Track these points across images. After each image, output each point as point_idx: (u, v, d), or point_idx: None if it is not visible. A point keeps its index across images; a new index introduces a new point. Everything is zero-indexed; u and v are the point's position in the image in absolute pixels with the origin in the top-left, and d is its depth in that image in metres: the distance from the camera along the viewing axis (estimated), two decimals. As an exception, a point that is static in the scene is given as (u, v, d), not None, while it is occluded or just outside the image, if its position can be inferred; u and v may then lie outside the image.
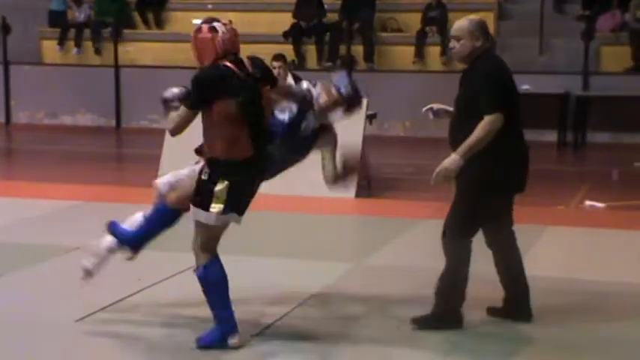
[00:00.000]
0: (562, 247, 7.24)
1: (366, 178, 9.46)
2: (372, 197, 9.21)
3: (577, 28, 13.78)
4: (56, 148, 13.15)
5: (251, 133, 4.73)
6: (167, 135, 8.83)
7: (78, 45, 15.56)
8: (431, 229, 7.65)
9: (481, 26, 5.07)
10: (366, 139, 9.45)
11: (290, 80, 9.26)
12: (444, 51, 14.10)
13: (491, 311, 5.36)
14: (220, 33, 4.80)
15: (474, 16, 5.20)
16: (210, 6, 15.30)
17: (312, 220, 8.05)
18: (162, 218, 5.22)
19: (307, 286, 5.99)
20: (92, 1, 15.82)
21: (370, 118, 9.78)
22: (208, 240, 4.80)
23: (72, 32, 15.63)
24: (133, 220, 5.30)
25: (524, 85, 13.09)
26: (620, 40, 13.82)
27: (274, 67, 9.64)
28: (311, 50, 14.73)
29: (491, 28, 14.29)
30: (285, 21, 14.72)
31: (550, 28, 14.14)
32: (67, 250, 6.84)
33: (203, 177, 4.75)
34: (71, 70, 15.33)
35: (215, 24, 4.83)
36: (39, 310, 5.55)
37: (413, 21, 14.60)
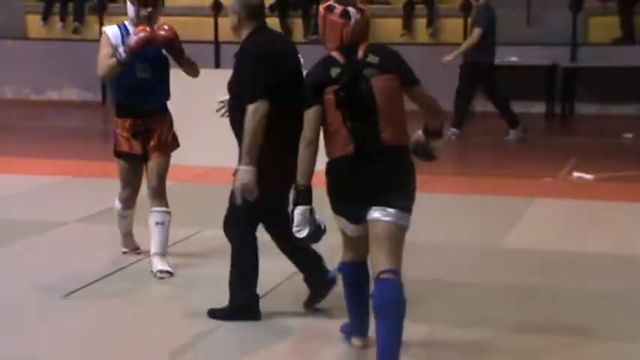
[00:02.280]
0: (550, 219, 7.25)
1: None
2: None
3: (565, -1, 13.74)
4: (42, 123, 13.08)
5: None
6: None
7: (62, 19, 15.41)
8: (415, 202, 7.68)
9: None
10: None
11: None
12: (431, 23, 14.04)
13: (307, 304, 5.01)
14: (353, 21, 4.26)
15: None
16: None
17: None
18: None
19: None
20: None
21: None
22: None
23: (57, 6, 15.49)
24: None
25: (512, 57, 13.08)
26: (608, 11, 13.76)
27: None
28: (297, 23, 14.64)
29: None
30: (270, -7, 14.62)
31: (538, -2, 14.11)
32: (54, 225, 6.83)
33: None
34: (56, 44, 15.18)
35: (349, 9, 4.26)
36: (25, 286, 5.53)
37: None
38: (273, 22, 12.77)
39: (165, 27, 5.53)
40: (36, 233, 6.61)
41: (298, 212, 4.19)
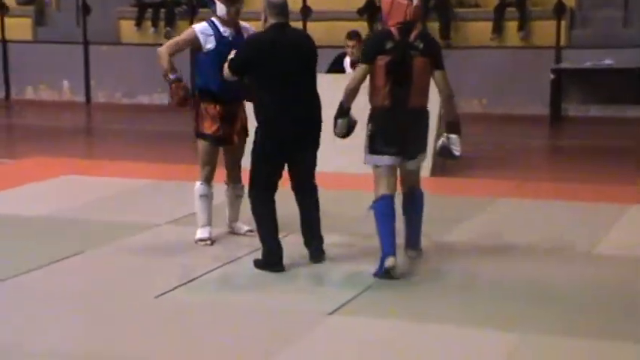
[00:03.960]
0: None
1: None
2: (447, 176, 9.10)
3: (663, -1, 13.37)
4: (133, 127, 13.34)
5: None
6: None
7: (154, 25, 15.71)
8: (508, 208, 7.57)
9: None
10: (443, 117, 9.32)
11: None
12: (522, 26, 13.82)
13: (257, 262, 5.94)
14: (415, 3, 5.63)
15: None
16: (284, -16, 15.27)
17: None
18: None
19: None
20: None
21: (447, 95, 9.62)
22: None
23: (149, 12, 15.78)
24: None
25: (607, 60, 12.77)
26: None
27: (348, 46, 9.55)
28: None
29: (573, 1, 14.03)
30: (360, -2, 14.61)
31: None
32: (147, 227, 6.94)
33: None
34: (148, 49, 15.48)
35: None
36: (119, 286, 5.64)
37: (490, -4, 14.33)
38: (362, 26, 12.77)
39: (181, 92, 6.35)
40: (128, 235, 6.72)
41: (340, 121, 5.79)
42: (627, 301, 5.33)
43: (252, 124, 6.11)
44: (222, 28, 6.32)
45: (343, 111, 5.82)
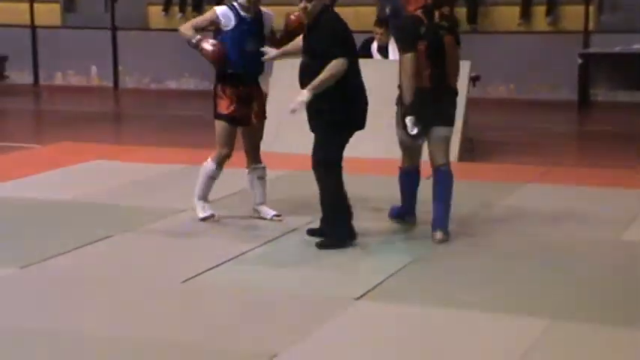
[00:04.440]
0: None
1: (470, 141, 9.33)
2: (475, 161, 9.08)
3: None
4: (161, 112, 13.41)
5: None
6: (270, 98, 8.94)
7: (182, 10, 15.76)
8: (535, 193, 7.55)
9: None
10: (470, 102, 9.30)
11: (392, 46, 9.17)
12: (550, 11, 13.71)
13: (310, 232, 6.16)
14: None
15: None
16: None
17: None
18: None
19: (411, 249, 6.00)
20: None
21: (474, 80, 9.61)
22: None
23: (177, -3, 15.85)
24: None
25: (636, 45, 12.65)
26: None
27: (377, 33, 9.57)
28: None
29: (602, -14, 13.88)
30: (386, -17, 14.55)
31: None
32: (174, 212, 6.99)
33: None
34: (175, 35, 15.47)
35: None
36: (146, 271, 5.69)
37: (518, -20, 14.23)
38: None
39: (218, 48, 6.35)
40: (156, 220, 6.77)
41: (409, 119, 5.98)
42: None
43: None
44: (242, 13, 6.45)
45: (409, 107, 5.97)
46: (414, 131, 6.00)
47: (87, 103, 14.54)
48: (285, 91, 6.43)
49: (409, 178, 6.40)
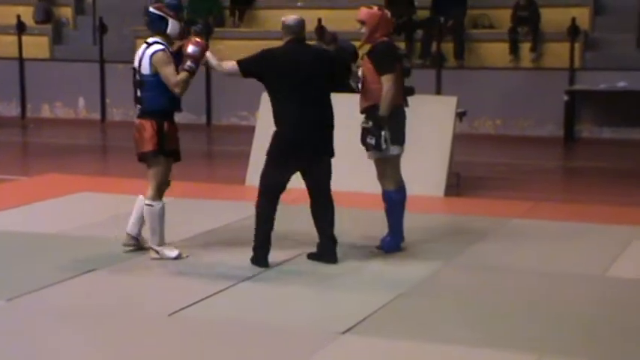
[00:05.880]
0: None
1: (456, 176, 9.36)
2: (461, 196, 9.10)
3: (677, 23, 13.36)
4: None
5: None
6: (257, 132, 9.05)
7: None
8: (521, 229, 7.56)
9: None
10: (456, 137, 9.34)
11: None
12: (535, 47, 13.83)
13: (309, 255, 6.40)
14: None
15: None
16: (299, 4, 15.35)
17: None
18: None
19: (397, 283, 5.98)
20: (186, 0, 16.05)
21: (460, 115, 9.66)
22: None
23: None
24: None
25: (621, 82, 12.77)
26: None
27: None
28: (401, 47, 14.64)
29: (587, 23, 14.07)
30: (374, 18, 14.65)
31: (647, 22, 13.75)
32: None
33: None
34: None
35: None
36: (131, 304, 5.66)
37: (505, 17, 14.36)
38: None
39: (198, 40, 6.48)
40: (141, 253, 6.72)
41: (384, 132, 6.44)
42: (641, 323, 5.31)
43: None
44: (170, 49, 6.58)
45: (384, 122, 6.45)
46: (384, 146, 6.43)
47: (74, 135, 14.52)
48: (272, 126, 6.42)
49: (403, 197, 6.76)
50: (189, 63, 6.39)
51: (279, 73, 6.28)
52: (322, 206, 6.31)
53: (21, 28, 16.32)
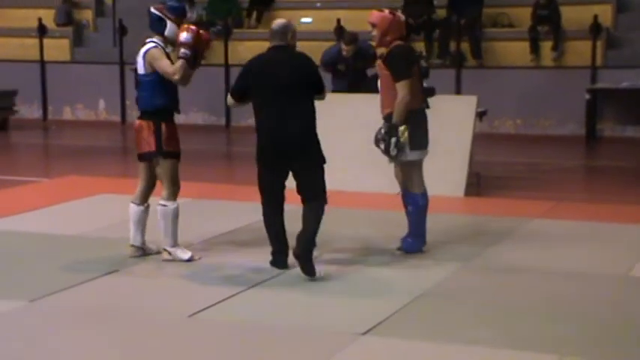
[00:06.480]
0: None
1: (476, 176, 9.32)
2: (481, 196, 9.07)
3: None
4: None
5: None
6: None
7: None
8: (542, 229, 7.51)
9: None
10: (476, 137, 9.30)
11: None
12: (556, 46, 13.75)
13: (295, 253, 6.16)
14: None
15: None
16: (318, 4, 15.34)
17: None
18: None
19: (417, 284, 5.95)
20: (205, 1, 16.07)
21: (480, 115, 9.62)
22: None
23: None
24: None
25: (641, 81, 12.67)
26: None
27: (343, 49, 10.31)
28: (420, 47, 14.61)
29: (609, 21, 13.99)
30: (393, 18, 14.62)
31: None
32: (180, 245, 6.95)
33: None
34: (183, 69, 15.60)
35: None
36: (151, 305, 5.66)
37: (524, 15, 14.29)
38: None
39: (191, 27, 6.42)
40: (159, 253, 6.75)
41: (394, 139, 6.39)
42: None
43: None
44: (167, 49, 6.55)
45: (397, 130, 6.42)
46: (393, 153, 6.42)
47: (94, 137, 14.59)
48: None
49: (427, 200, 6.73)
50: (183, 50, 6.40)
51: (255, 85, 6.23)
52: (304, 213, 6.13)
53: (42, 30, 16.44)
